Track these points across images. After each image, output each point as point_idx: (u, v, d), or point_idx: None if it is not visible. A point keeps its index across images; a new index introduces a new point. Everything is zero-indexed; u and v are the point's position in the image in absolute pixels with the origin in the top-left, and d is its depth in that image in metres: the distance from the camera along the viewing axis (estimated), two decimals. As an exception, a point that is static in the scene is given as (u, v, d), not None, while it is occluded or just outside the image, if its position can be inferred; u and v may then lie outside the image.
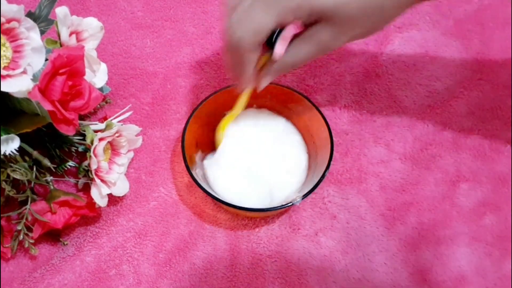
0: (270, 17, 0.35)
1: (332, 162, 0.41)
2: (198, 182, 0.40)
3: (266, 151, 0.44)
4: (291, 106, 0.46)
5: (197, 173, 0.42)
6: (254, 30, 0.35)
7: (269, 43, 0.37)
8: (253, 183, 0.43)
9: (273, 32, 0.37)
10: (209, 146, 0.45)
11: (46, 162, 0.41)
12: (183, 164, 0.47)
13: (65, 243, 0.43)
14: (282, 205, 0.39)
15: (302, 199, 0.39)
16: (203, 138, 0.45)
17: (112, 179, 0.42)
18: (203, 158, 0.45)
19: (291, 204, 0.39)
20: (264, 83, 0.40)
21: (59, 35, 0.38)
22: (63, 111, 0.36)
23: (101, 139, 0.40)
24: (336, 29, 0.36)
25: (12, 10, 0.33)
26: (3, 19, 0.33)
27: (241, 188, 0.43)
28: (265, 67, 0.39)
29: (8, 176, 0.39)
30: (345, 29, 0.36)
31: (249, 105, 0.46)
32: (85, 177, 0.43)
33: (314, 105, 0.43)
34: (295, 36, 0.38)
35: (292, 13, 0.35)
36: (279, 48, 0.37)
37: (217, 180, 0.43)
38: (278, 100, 0.46)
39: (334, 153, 0.44)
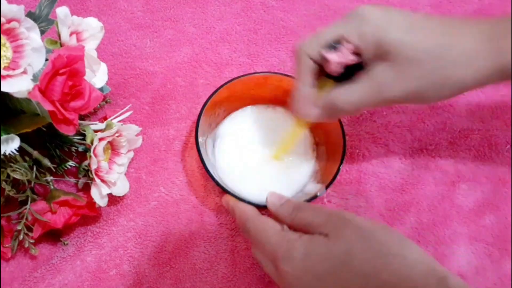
0: (334, 31, 0.35)
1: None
2: (217, 181, 0.40)
3: (272, 147, 0.45)
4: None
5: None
6: (315, 36, 0.36)
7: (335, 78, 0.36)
8: (260, 179, 0.43)
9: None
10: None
11: (46, 162, 0.41)
12: (183, 163, 0.47)
13: (66, 243, 0.43)
14: (307, 199, 0.39)
15: (326, 189, 0.40)
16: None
17: (112, 179, 0.42)
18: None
19: (315, 196, 0.39)
20: (312, 111, 0.37)
21: (59, 35, 0.38)
22: (63, 111, 0.36)
23: (101, 139, 0.40)
24: (397, 69, 0.34)
25: (12, 10, 0.33)
26: (3, 19, 0.33)
27: (249, 184, 0.43)
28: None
29: (8, 176, 0.39)
30: (407, 72, 0.34)
31: (261, 102, 0.47)
32: (85, 177, 0.43)
33: None
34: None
35: (357, 36, 0.34)
36: (334, 55, 0.35)
37: (226, 177, 0.44)
38: (282, 89, 0.46)
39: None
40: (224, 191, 0.40)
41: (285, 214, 0.36)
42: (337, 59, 0.34)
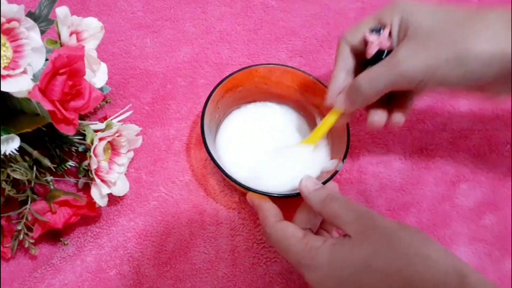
0: (373, 18, 0.38)
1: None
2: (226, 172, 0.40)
3: (276, 144, 0.45)
4: (306, 94, 0.46)
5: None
6: (356, 26, 0.38)
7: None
8: (266, 174, 0.43)
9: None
10: None
11: (46, 162, 0.41)
12: (183, 163, 0.47)
13: (66, 243, 0.43)
14: (328, 178, 0.39)
15: (343, 161, 0.40)
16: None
17: (112, 178, 0.42)
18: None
19: (336, 172, 0.40)
20: (338, 98, 0.39)
21: (59, 35, 0.38)
22: (63, 111, 0.36)
23: (101, 139, 0.40)
24: (414, 43, 0.34)
25: (12, 10, 0.33)
26: (3, 19, 0.33)
27: (256, 177, 0.43)
28: None
29: (8, 176, 0.39)
30: (425, 46, 0.34)
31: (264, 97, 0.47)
32: (85, 177, 0.43)
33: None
34: None
35: (389, 21, 0.36)
36: (374, 37, 0.37)
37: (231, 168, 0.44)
38: (297, 86, 0.46)
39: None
40: (239, 186, 0.39)
41: (316, 201, 0.36)
42: (377, 40, 0.36)
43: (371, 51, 0.36)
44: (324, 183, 0.39)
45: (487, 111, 0.49)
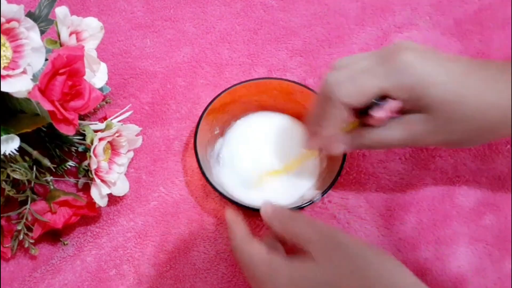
0: (376, 84, 0.34)
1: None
2: (214, 185, 0.40)
3: (274, 152, 0.45)
4: (299, 100, 0.45)
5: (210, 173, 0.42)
6: (355, 89, 0.34)
7: (362, 113, 0.36)
8: (262, 184, 0.43)
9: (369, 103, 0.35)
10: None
11: (46, 162, 0.41)
12: (183, 163, 0.47)
13: (65, 243, 0.43)
14: (302, 204, 0.39)
15: (322, 196, 0.40)
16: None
17: (112, 179, 0.42)
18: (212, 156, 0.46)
19: (311, 202, 0.39)
20: (337, 148, 0.38)
21: (59, 35, 0.38)
22: (63, 111, 0.36)
23: (101, 139, 0.40)
24: (434, 122, 0.35)
25: (12, 10, 0.33)
26: (3, 19, 0.33)
27: (249, 189, 0.43)
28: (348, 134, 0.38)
29: (8, 176, 0.39)
30: (445, 127, 0.35)
31: (257, 108, 0.47)
32: (85, 177, 0.43)
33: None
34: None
35: (400, 91, 0.34)
36: (380, 112, 0.35)
37: (226, 183, 0.44)
38: (285, 95, 0.46)
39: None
40: (219, 194, 0.40)
41: (276, 222, 0.35)
42: (384, 115, 0.35)
43: (378, 123, 0.36)
44: (296, 208, 0.39)
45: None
